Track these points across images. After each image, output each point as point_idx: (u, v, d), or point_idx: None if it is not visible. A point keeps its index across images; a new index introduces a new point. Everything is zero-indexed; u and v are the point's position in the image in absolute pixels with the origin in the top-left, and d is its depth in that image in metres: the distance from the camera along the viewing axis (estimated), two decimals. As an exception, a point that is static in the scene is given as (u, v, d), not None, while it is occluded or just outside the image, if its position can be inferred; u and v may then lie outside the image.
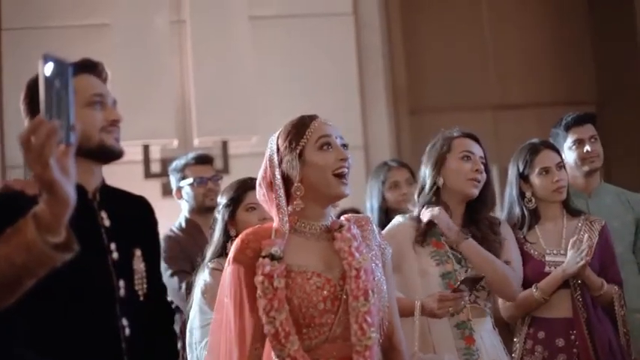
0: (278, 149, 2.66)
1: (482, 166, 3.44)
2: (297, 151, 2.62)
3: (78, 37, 6.25)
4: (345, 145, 2.66)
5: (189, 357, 3.48)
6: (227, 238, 3.58)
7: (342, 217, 2.72)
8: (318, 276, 2.54)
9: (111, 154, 2.38)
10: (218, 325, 2.63)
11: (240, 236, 2.64)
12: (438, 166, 3.44)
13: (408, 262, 3.33)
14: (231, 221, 3.62)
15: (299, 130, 2.65)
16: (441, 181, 3.42)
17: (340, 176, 2.60)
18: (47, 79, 1.71)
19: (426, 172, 3.49)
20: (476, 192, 3.41)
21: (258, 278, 2.49)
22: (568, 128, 4.21)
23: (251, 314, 2.53)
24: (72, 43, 5.95)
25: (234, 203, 3.62)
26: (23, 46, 6.13)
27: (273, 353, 2.53)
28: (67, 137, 1.71)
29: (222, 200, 3.69)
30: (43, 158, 1.67)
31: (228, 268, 2.58)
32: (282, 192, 2.61)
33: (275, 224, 2.62)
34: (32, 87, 2.35)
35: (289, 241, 2.59)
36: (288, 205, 2.63)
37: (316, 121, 2.67)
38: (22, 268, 1.80)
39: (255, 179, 3.59)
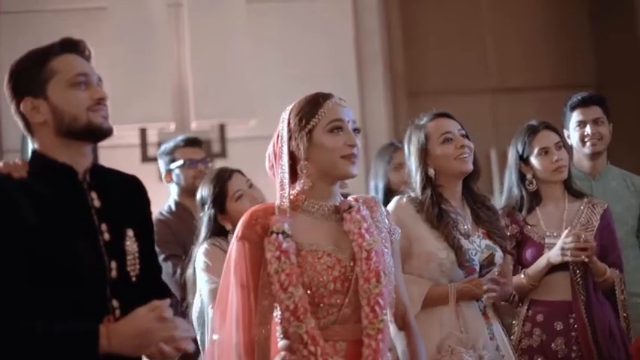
0: (289, 124, 2.63)
1: (464, 140, 3.40)
2: (307, 130, 2.59)
3: (75, 20, 6.22)
4: (356, 130, 2.63)
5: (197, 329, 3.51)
6: (223, 232, 3.59)
7: (350, 198, 2.70)
8: (329, 256, 2.53)
9: (100, 133, 2.34)
10: (224, 302, 2.60)
11: (248, 212, 2.61)
12: (423, 157, 3.40)
13: (418, 245, 3.32)
14: (223, 216, 3.62)
15: (312, 108, 2.61)
16: (432, 172, 3.38)
17: (348, 157, 2.58)
18: None
19: (412, 167, 3.44)
20: (470, 166, 3.39)
21: (275, 254, 2.47)
22: (573, 109, 4.20)
23: (253, 293, 2.51)
24: (69, 27, 5.90)
25: (220, 198, 3.61)
26: (22, 29, 6.10)
27: (278, 332, 2.52)
28: None
29: (204, 199, 3.66)
30: None
31: (234, 245, 2.56)
32: (286, 167, 2.59)
33: (277, 201, 2.60)
34: (15, 70, 2.34)
35: (297, 220, 2.57)
36: (294, 182, 2.62)
37: (330, 101, 2.63)
38: None
39: (228, 169, 3.60)
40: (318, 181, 2.61)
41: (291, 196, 2.61)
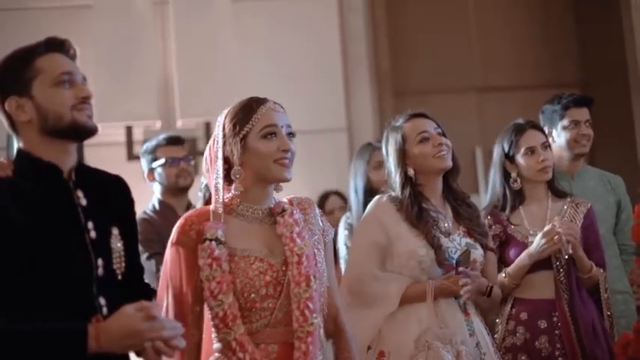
0: (224, 129, 2.65)
1: (441, 137, 3.42)
2: (241, 136, 2.61)
3: (60, 18, 6.21)
4: (291, 134, 2.65)
5: None
6: None
7: (285, 199, 2.72)
8: (261, 261, 2.55)
9: (84, 132, 2.36)
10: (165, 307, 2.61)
11: (183, 217, 2.62)
12: (402, 158, 3.42)
13: (398, 244, 3.33)
14: None
15: (245, 114, 2.64)
16: (411, 172, 3.41)
17: (281, 162, 2.60)
18: None
19: (391, 168, 3.46)
20: (449, 162, 3.41)
21: (207, 261, 2.48)
22: (566, 108, 4.21)
23: (188, 298, 2.53)
24: (54, 25, 5.90)
25: None
26: (6, 27, 6.08)
27: (214, 337, 2.53)
28: None
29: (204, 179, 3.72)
30: None
31: (169, 250, 2.58)
32: (220, 173, 2.61)
33: (211, 206, 2.61)
34: (0, 69, 2.34)
35: (231, 224, 2.58)
36: (230, 185, 2.63)
37: (264, 106, 2.65)
38: None
39: None
40: (253, 186, 2.63)
41: (226, 200, 2.62)
